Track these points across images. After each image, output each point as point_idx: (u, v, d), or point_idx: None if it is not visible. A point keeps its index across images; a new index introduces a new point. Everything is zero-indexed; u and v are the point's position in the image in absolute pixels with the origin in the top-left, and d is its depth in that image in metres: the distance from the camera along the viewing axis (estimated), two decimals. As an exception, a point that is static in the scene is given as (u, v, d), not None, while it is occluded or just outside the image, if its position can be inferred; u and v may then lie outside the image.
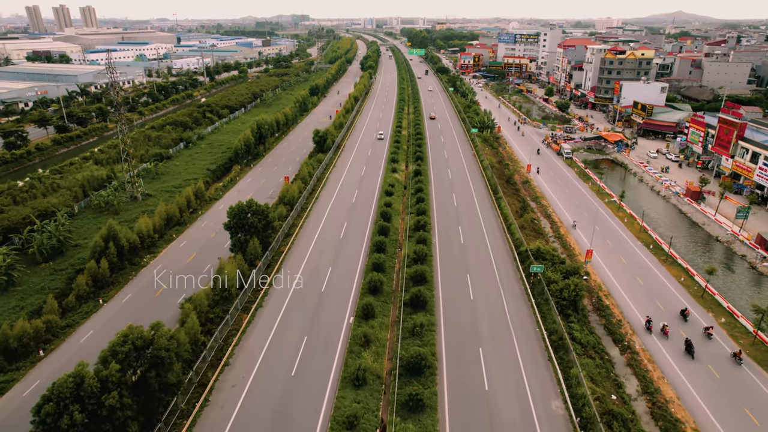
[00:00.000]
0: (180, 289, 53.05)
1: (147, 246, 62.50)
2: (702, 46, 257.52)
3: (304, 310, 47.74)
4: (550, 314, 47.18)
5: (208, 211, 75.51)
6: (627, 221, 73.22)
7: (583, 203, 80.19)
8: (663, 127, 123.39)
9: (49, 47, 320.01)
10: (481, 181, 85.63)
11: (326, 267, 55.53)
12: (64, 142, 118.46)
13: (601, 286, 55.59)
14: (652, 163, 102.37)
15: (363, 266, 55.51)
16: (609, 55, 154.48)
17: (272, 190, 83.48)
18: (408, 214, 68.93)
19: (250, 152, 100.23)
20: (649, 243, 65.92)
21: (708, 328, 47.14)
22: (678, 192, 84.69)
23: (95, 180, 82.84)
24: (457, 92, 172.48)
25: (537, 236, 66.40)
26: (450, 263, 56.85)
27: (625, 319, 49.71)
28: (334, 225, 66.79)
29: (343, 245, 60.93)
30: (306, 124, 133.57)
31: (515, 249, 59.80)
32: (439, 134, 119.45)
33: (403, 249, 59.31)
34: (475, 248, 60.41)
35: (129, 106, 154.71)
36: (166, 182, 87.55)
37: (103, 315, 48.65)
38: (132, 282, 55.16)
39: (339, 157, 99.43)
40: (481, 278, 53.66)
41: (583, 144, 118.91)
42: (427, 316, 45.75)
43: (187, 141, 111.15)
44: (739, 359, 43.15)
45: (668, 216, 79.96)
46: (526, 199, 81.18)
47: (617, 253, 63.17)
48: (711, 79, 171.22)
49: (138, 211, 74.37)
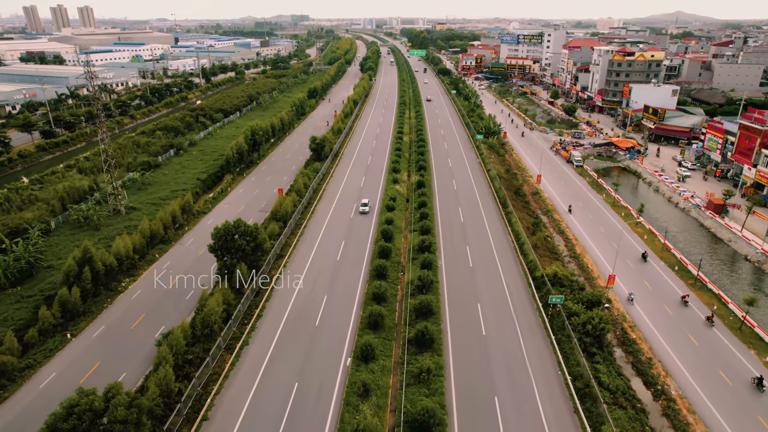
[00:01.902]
0: (159, 319, 47.77)
1: (126, 268, 57.13)
2: (708, 47, 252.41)
3: (295, 349, 42.35)
4: (572, 353, 41.82)
5: (196, 226, 70.16)
6: (647, 238, 67.85)
7: (598, 217, 74.79)
8: (676, 132, 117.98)
9: (44, 48, 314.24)
10: (488, 192, 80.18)
11: (321, 295, 50.12)
12: (50, 149, 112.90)
13: (625, 316, 50.20)
14: (668, 172, 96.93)
15: (362, 295, 50.10)
16: (617, 56, 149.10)
17: (265, 202, 78.12)
18: (411, 232, 63.51)
19: (243, 160, 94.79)
20: (674, 264, 60.49)
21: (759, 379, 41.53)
22: (699, 204, 79.27)
23: (76, 191, 77.32)
24: (459, 95, 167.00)
25: (551, 257, 61.02)
26: (458, 290, 51.44)
27: (656, 356, 44.32)
28: (331, 244, 61.35)
29: (341, 269, 55.49)
30: (303, 129, 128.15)
31: (529, 273, 54.38)
32: (442, 140, 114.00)
33: (407, 273, 53.91)
34: (485, 273, 54.96)
35: (121, 109, 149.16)
36: (152, 193, 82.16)
37: (70, 352, 43.26)
38: (107, 311, 49.79)
39: (337, 165, 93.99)
40: (494, 309, 48.24)
41: (593, 150, 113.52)
42: (435, 357, 40.36)
43: (177, 147, 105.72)
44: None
45: (689, 231, 74.57)
46: (537, 212, 75.77)
47: (640, 276, 57.76)
48: (722, 81, 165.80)
49: (120, 227, 69.05)
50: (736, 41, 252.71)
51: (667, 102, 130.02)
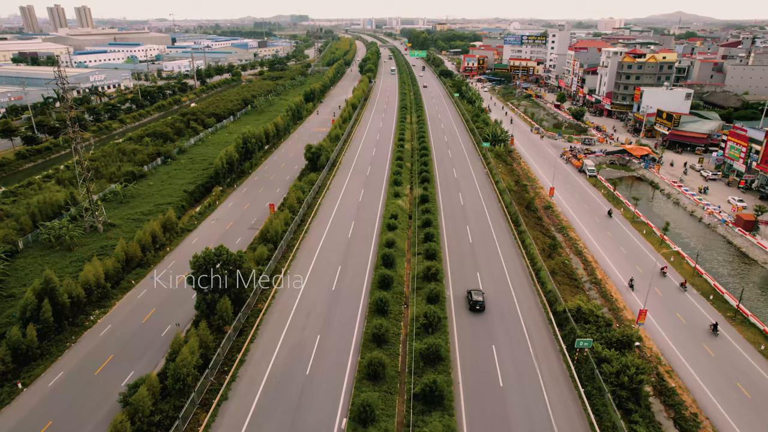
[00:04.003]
0: (129, 362, 41.68)
1: (96, 299, 50.94)
2: (715, 48, 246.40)
3: (282, 405, 36.18)
4: (606, 412, 35.66)
5: (180, 246, 64.06)
6: (674, 260, 61.72)
7: (618, 235, 68.65)
8: (693, 138, 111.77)
9: (37, 48, 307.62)
10: (497, 208, 73.98)
11: (313, 336, 43.91)
12: (30, 156, 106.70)
13: (660, 358, 44.07)
14: (687, 182, 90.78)
15: (360, 334, 43.90)
16: (627, 58, 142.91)
17: (256, 218, 72.00)
18: (415, 255, 57.31)
19: (234, 170, 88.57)
20: (709, 292, 54.35)
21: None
22: (726, 220, 73.15)
23: (50, 206, 70.87)
24: (463, 98, 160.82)
25: (571, 284, 54.88)
26: (470, 329, 45.24)
27: (702, 412, 38.16)
28: (326, 270, 55.12)
29: (336, 302, 49.27)
30: (299, 135, 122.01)
31: (549, 306, 48.25)
32: (446, 148, 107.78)
33: (410, 307, 47.75)
34: (499, 306, 48.72)
35: (110, 113, 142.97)
36: (135, 207, 75.96)
37: (18, 409, 37.07)
38: (69, 352, 43.63)
39: (334, 177, 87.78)
40: (511, 353, 42.06)
41: (605, 158, 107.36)
42: (445, 417, 34.21)
43: (165, 155, 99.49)
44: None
45: (715, 249, 68.45)
46: (551, 230, 69.62)
47: (672, 307, 51.65)
48: (734, 83, 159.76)
49: (96, 247, 62.92)
50: (744, 42, 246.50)
51: (680, 106, 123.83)
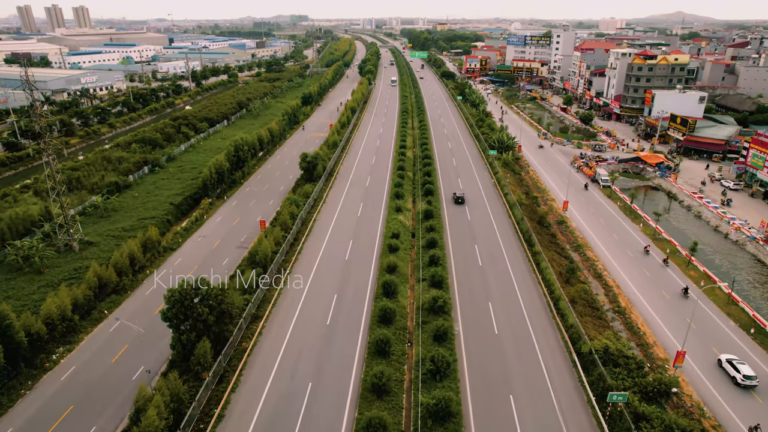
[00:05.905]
0: (90, 416, 36.10)
1: (61, 333, 45.26)
2: (721, 48, 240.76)
3: (264, 476, 30.59)
4: (649, 485, 30.06)
5: (161, 267, 58.45)
6: (704, 284, 56.06)
7: (640, 256, 62.93)
8: (710, 145, 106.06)
9: (31, 49, 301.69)
10: (508, 224, 68.24)
11: (305, 383, 38.21)
12: (11, 164, 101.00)
13: (702, 409, 38.39)
14: (708, 193, 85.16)
15: (357, 382, 38.19)
16: (638, 60, 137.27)
17: (246, 234, 66.39)
18: (419, 282, 51.64)
19: (224, 181, 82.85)
20: (749, 325, 48.70)
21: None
22: (756, 237, 67.52)
23: (22, 221, 65.12)
24: (466, 101, 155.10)
25: (593, 314, 49.20)
26: (483, 375, 39.53)
27: (759, 482, 32.58)
28: (321, 301, 49.38)
29: (332, 339, 43.57)
30: (295, 141, 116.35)
31: (572, 344, 42.59)
32: (450, 156, 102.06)
33: (415, 346, 42.10)
34: (515, 345, 43.02)
35: (99, 117, 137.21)
36: (116, 222, 70.31)
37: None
38: (23, 402, 38.04)
39: (331, 188, 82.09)
40: (531, 404, 36.40)
41: (618, 167, 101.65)
42: (459, 496, 28.60)
43: (153, 163, 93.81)
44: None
45: (745, 269, 62.80)
46: (566, 249, 63.94)
47: (709, 342, 46.00)
48: (747, 86, 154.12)
49: (69, 269, 57.32)
50: (752, 42, 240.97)
51: (693, 110, 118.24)
